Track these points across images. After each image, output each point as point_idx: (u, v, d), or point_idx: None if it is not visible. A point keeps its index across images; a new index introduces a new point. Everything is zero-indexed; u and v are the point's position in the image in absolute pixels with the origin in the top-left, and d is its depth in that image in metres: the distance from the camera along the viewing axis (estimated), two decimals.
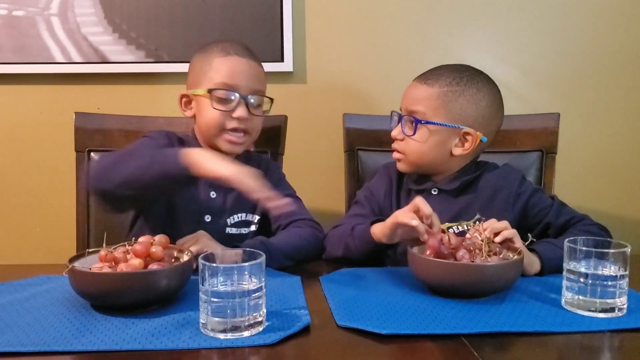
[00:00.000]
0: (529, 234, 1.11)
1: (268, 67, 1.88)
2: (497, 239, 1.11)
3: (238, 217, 1.43)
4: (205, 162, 1.12)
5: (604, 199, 2.06)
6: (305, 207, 1.46)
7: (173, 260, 1.07)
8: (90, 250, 1.05)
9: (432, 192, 1.40)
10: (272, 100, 1.45)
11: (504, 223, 1.13)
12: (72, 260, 1.01)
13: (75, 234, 1.62)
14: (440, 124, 1.34)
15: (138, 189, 1.15)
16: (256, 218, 1.45)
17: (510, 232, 1.12)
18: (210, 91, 1.37)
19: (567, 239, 1.02)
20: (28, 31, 1.88)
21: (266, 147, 1.66)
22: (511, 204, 1.36)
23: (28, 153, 1.97)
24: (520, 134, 1.68)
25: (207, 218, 1.40)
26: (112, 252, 1.02)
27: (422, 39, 1.97)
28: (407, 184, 1.45)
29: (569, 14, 1.98)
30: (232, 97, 1.37)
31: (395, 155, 1.41)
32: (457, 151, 1.36)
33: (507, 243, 1.12)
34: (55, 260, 1.38)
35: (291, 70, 1.93)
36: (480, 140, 1.35)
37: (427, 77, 1.38)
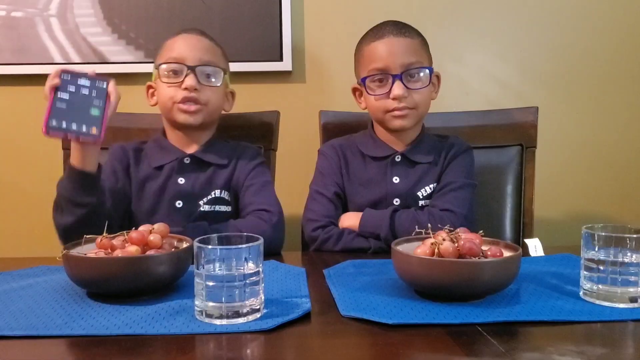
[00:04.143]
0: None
1: (267, 66, 1.92)
2: None
3: (212, 195, 1.42)
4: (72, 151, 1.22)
5: (596, 194, 2.08)
6: (271, 195, 1.42)
7: (173, 249, 1.02)
8: (88, 237, 1.01)
9: (396, 160, 1.44)
10: (224, 72, 1.45)
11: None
12: (68, 247, 0.98)
13: None
14: (432, 70, 1.44)
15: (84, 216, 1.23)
16: (228, 195, 1.44)
17: None
18: (158, 67, 1.41)
19: (584, 226, 0.97)
20: (27, 32, 1.87)
21: (259, 143, 1.64)
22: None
23: (28, 154, 1.96)
24: (499, 129, 1.67)
25: (179, 204, 1.40)
26: (109, 239, 0.98)
27: None
28: (358, 154, 1.48)
29: (566, 10, 2.00)
30: (180, 69, 1.39)
31: (402, 112, 1.41)
32: (434, 95, 1.48)
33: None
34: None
35: (290, 69, 1.93)
36: None
37: (399, 31, 1.43)
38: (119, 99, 1.24)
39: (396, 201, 1.42)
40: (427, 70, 1.41)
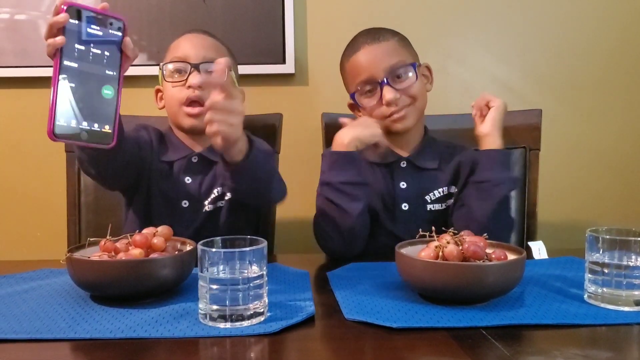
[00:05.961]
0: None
1: (270, 69, 1.92)
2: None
3: (214, 194, 1.40)
4: None
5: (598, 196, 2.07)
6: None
7: (176, 252, 1.02)
8: (91, 239, 1.01)
9: (401, 165, 1.43)
10: (229, 69, 1.41)
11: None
12: (72, 250, 0.98)
13: (67, 235, 1.61)
14: (417, 64, 1.42)
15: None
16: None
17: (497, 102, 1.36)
18: (163, 68, 1.40)
19: (589, 229, 0.96)
20: (30, 35, 1.87)
21: None
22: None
23: (31, 156, 1.95)
24: (502, 131, 1.64)
25: (185, 204, 1.39)
26: (112, 242, 0.98)
27: (423, 41, 1.92)
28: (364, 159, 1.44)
29: (570, 13, 2.00)
30: (184, 68, 1.37)
31: (400, 114, 1.40)
32: (428, 86, 1.48)
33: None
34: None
35: (293, 72, 1.93)
36: None
37: (373, 38, 1.42)
38: (136, 57, 0.98)
39: (405, 206, 1.40)
40: (411, 67, 1.40)
